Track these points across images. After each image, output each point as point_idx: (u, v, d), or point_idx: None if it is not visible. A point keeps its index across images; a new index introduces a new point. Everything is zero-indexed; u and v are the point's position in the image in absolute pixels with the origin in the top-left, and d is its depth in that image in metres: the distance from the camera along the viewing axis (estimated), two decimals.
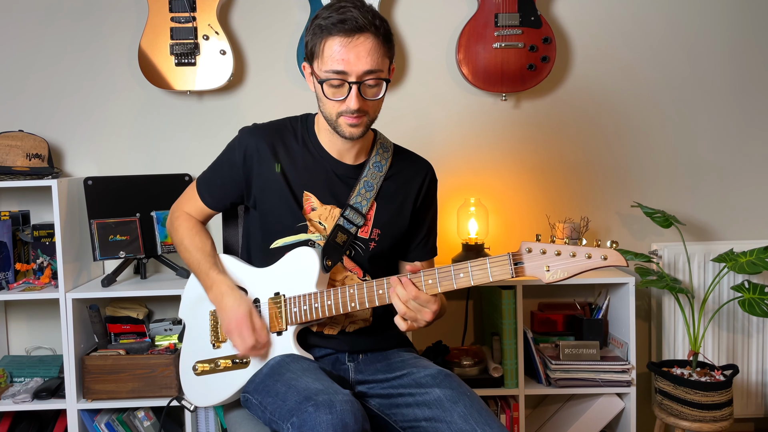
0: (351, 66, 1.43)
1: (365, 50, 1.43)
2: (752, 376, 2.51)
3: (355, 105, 1.45)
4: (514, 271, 1.34)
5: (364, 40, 1.43)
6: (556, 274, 1.31)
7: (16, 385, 2.36)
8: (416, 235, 1.68)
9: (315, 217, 1.58)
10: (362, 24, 1.42)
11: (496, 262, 1.36)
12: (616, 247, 1.29)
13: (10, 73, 2.54)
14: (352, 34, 1.42)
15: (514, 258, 1.34)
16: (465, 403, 1.41)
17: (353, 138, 1.52)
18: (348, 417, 1.27)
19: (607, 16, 2.57)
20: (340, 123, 1.50)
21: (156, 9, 2.40)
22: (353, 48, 1.43)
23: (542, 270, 1.33)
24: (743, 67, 2.58)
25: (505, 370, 2.31)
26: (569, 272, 1.31)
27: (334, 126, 1.51)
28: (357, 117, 1.48)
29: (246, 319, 1.51)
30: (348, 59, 1.43)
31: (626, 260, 1.28)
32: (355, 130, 1.50)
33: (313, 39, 1.47)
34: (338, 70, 1.43)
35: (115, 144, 2.57)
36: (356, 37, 1.43)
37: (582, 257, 1.30)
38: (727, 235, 2.61)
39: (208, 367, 1.61)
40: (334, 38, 1.43)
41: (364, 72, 1.44)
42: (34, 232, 2.40)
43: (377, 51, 1.45)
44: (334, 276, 1.59)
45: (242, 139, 1.61)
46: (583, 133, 2.59)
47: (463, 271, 1.39)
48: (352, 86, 1.45)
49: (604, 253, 1.28)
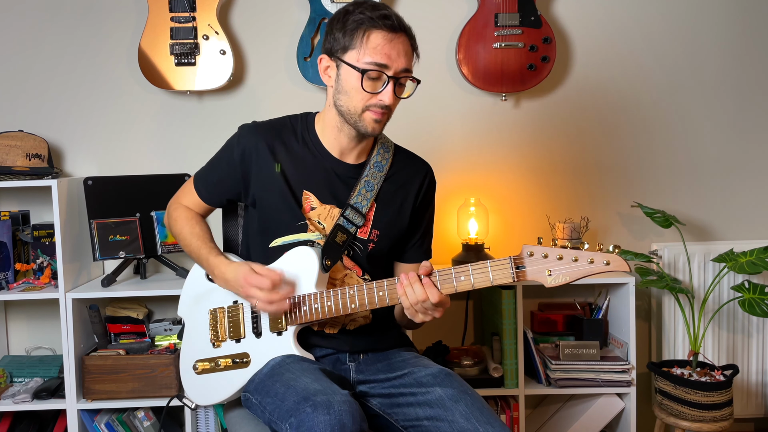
0: (392, 61, 1.47)
1: (404, 49, 1.49)
2: (752, 376, 2.51)
3: (390, 100, 1.48)
4: (515, 275, 1.34)
5: (403, 40, 1.49)
6: (558, 278, 1.31)
7: (16, 385, 2.36)
8: (412, 237, 1.68)
9: (314, 217, 1.58)
10: (402, 24, 1.49)
11: (498, 265, 1.36)
12: (618, 252, 1.28)
13: (10, 73, 2.54)
14: (395, 31, 1.47)
15: (516, 262, 1.34)
16: (466, 401, 1.41)
17: (374, 134, 1.54)
18: (346, 417, 1.27)
19: (607, 16, 2.57)
20: (364, 117, 1.51)
21: (156, 9, 2.40)
22: (396, 45, 1.47)
23: (544, 274, 1.32)
24: (743, 66, 2.58)
25: (505, 370, 2.31)
26: (571, 277, 1.30)
27: (355, 120, 1.52)
28: (383, 113, 1.50)
29: (250, 273, 1.50)
30: (390, 54, 1.46)
31: (629, 266, 1.27)
32: (377, 126, 1.52)
33: (351, 30, 1.48)
34: (381, 63, 1.46)
35: (115, 144, 2.57)
36: (398, 35, 1.48)
37: (584, 262, 1.29)
38: (727, 235, 2.61)
39: (209, 366, 1.61)
40: (378, 32, 1.46)
41: (403, 69, 1.49)
42: (34, 232, 2.40)
43: (411, 53, 1.52)
44: (334, 274, 1.58)
45: (241, 137, 1.61)
46: (583, 133, 2.59)
47: (464, 274, 1.39)
48: (389, 81, 1.47)
49: (607, 259, 1.28)
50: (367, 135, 1.54)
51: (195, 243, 1.65)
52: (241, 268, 1.53)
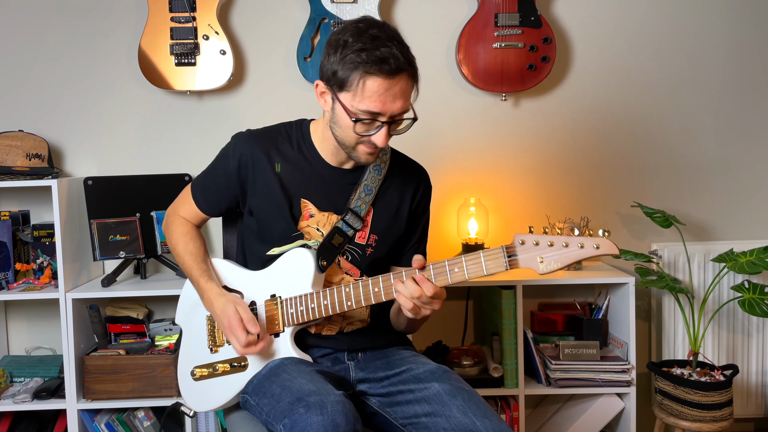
0: (386, 107, 1.41)
1: (401, 91, 1.42)
2: (752, 376, 2.51)
3: (382, 143, 1.45)
4: (508, 264, 1.34)
5: (400, 81, 1.41)
6: (550, 265, 1.31)
7: (16, 385, 2.36)
8: (409, 241, 1.68)
9: (313, 224, 1.57)
10: (402, 65, 1.39)
11: (490, 255, 1.36)
12: (608, 236, 1.29)
13: (10, 73, 2.54)
14: (392, 75, 1.39)
15: (508, 250, 1.34)
16: (463, 396, 1.42)
17: (368, 164, 1.55)
18: (339, 418, 1.27)
19: (607, 16, 2.57)
20: (358, 149, 1.49)
21: (156, 9, 2.40)
22: (393, 90, 1.40)
23: (536, 261, 1.32)
24: (743, 66, 2.58)
25: (505, 370, 2.31)
26: (562, 262, 1.31)
27: (348, 151, 1.51)
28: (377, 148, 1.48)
29: (234, 317, 1.50)
30: (386, 101, 1.41)
31: (618, 248, 1.27)
32: (371, 157, 1.51)
33: (346, 69, 1.40)
34: (375, 111, 1.41)
35: (115, 144, 2.57)
36: (396, 79, 1.40)
37: (575, 247, 1.29)
38: (727, 235, 2.61)
39: (207, 372, 1.61)
40: (374, 79, 1.39)
41: (398, 113, 1.44)
42: (34, 232, 2.40)
43: (410, 90, 1.45)
44: (331, 278, 1.58)
45: (237, 147, 1.59)
46: (583, 133, 2.59)
47: (457, 266, 1.38)
48: (383, 126, 1.44)
49: (596, 242, 1.28)
50: (361, 164, 1.55)
51: (188, 261, 1.64)
52: (228, 308, 1.52)
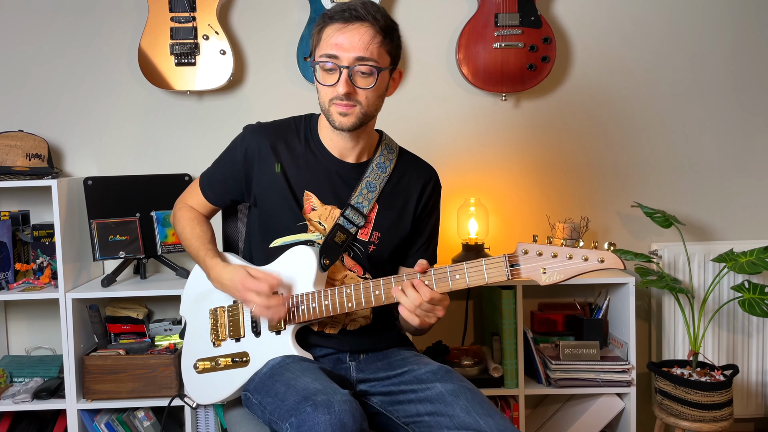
0: (343, 51, 1.45)
1: (358, 36, 1.45)
2: (752, 376, 2.51)
3: (344, 90, 1.45)
4: (510, 273, 1.33)
5: (359, 27, 1.45)
6: (552, 276, 1.30)
7: (16, 385, 2.36)
8: (416, 242, 1.67)
9: (315, 217, 1.58)
10: (361, 14, 1.45)
11: (492, 263, 1.36)
12: (614, 249, 1.28)
13: (10, 73, 2.54)
14: (350, 21, 1.45)
15: (510, 260, 1.34)
16: (467, 396, 1.42)
17: (343, 128, 1.50)
18: (346, 417, 1.27)
19: (607, 16, 2.57)
20: (331, 111, 1.50)
21: (156, 9, 2.40)
22: (347, 33, 1.45)
23: (538, 272, 1.32)
24: (743, 66, 2.58)
25: (505, 370, 2.31)
26: (565, 275, 1.30)
27: (327, 115, 1.52)
28: (347, 105, 1.47)
29: (246, 277, 1.51)
30: (341, 44, 1.45)
31: (624, 263, 1.26)
32: (345, 120, 1.49)
33: (316, 29, 1.51)
34: (331, 53, 1.46)
35: (115, 144, 2.57)
36: (352, 24, 1.45)
37: (578, 260, 1.28)
38: (727, 235, 2.61)
39: (209, 365, 1.62)
40: (332, 25, 1.47)
41: (356, 58, 1.45)
42: (34, 232, 2.40)
43: (373, 40, 1.46)
44: (334, 275, 1.58)
45: (245, 138, 1.62)
46: (583, 133, 2.59)
47: (459, 273, 1.38)
48: (343, 71, 1.45)
49: (601, 256, 1.27)
50: (339, 130, 1.51)
51: (195, 244, 1.66)
52: (238, 271, 1.53)
